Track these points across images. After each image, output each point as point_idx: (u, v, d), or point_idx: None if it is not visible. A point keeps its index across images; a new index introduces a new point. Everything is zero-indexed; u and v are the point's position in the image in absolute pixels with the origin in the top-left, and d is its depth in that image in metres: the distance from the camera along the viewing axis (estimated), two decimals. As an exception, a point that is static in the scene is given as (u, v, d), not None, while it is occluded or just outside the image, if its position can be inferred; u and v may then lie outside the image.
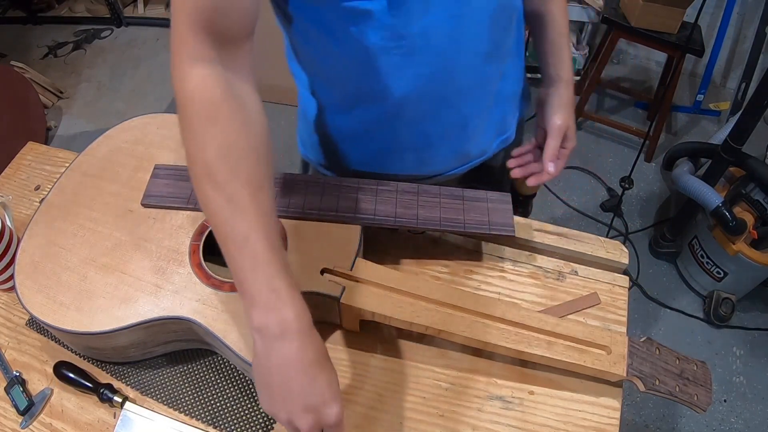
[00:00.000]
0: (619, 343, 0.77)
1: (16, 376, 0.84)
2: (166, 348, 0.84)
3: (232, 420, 0.79)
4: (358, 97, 0.87)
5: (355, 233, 0.82)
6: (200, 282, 0.77)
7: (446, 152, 0.96)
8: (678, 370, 0.77)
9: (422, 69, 0.79)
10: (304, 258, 0.79)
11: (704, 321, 2.06)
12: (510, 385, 0.80)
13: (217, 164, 0.58)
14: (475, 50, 0.80)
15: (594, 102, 2.90)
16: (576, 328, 0.78)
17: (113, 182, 0.89)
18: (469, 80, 0.84)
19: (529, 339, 0.77)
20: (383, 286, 0.78)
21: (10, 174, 1.14)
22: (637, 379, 0.75)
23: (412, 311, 0.77)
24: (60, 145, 2.75)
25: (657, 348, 0.79)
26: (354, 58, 0.78)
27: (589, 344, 0.77)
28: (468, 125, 0.92)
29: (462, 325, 0.77)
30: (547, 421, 0.76)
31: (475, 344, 0.79)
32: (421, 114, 0.86)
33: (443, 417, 0.77)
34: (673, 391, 0.75)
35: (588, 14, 2.49)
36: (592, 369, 0.76)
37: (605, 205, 2.43)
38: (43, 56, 3.35)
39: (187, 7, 0.59)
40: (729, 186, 2.05)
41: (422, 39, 0.74)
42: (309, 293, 0.75)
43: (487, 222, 0.86)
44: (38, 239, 0.84)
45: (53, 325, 0.75)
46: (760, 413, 1.84)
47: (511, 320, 0.78)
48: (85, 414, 0.81)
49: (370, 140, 0.94)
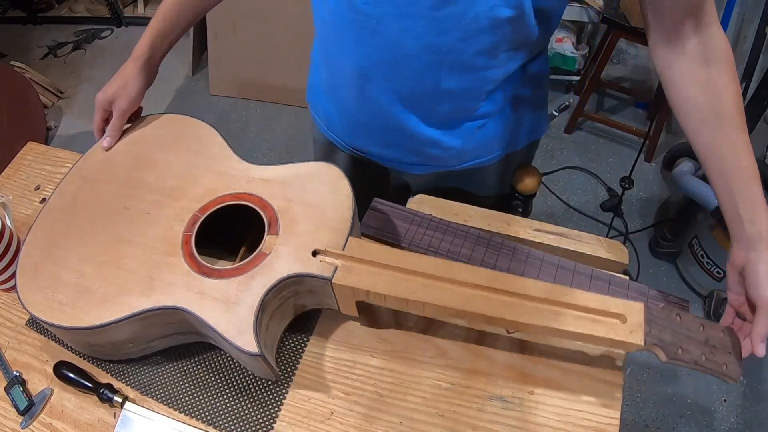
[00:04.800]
0: (635, 311, 0.72)
1: (16, 376, 0.84)
2: (163, 342, 0.83)
3: (232, 420, 0.79)
4: (324, 54, 0.96)
5: (347, 212, 0.80)
6: (192, 271, 0.77)
7: (396, 139, 0.97)
8: (703, 337, 0.71)
9: (372, 50, 0.82)
10: (295, 240, 0.78)
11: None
12: (510, 385, 0.80)
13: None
14: (425, 46, 0.80)
15: (594, 102, 2.90)
16: (586, 296, 0.73)
17: (111, 183, 0.90)
18: (415, 74, 0.84)
19: (534, 310, 0.72)
20: (378, 264, 0.76)
21: (10, 174, 1.14)
22: (657, 348, 0.70)
23: (407, 287, 0.74)
24: (60, 145, 2.75)
25: (678, 315, 0.72)
26: (323, 18, 0.88)
27: (602, 313, 0.72)
28: (408, 119, 0.92)
29: (461, 300, 0.73)
30: (548, 421, 0.76)
31: (476, 319, 0.75)
32: (370, 94, 0.89)
33: (443, 417, 0.77)
34: (698, 360, 0.69)
35: (588, 14, 2.49)
36: (607, 339, 0.71)
37: (605, 205, 2.44)
38: (44, 56, 3.36)
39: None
40: (729, 186, 2.05)
41: (375, 22, 0.78)
42: (301, 276, 0.74)
43: None
44: (39, 242, 0.85)
45: (52, 323, 0.76)
46: (761, 413, 1.84)
47: (513, 291, 0.73)
48: (85, 414, 0.81)
49: (336, 101, 1.00)
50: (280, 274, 0.74)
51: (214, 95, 3.04)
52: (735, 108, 0.73)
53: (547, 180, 2.55)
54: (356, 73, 0.88)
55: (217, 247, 0.89)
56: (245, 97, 3.01)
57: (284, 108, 2.95)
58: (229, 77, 2.99)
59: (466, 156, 1.01)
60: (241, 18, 2.77)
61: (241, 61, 2.92)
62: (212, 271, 0.77)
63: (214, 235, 0.85)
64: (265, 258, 0.76)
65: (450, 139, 0.95)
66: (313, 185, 0.83)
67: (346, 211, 0.80)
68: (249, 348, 0.69)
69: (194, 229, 0.81)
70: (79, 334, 0.77)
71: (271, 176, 0.85)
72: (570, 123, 2.73)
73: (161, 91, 3.05)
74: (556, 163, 2.63)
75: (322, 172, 0.84)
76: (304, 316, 0.87)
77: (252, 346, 0.69)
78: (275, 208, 0.81)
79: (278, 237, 0.78)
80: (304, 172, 0.85)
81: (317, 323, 0.87)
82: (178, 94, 3.06)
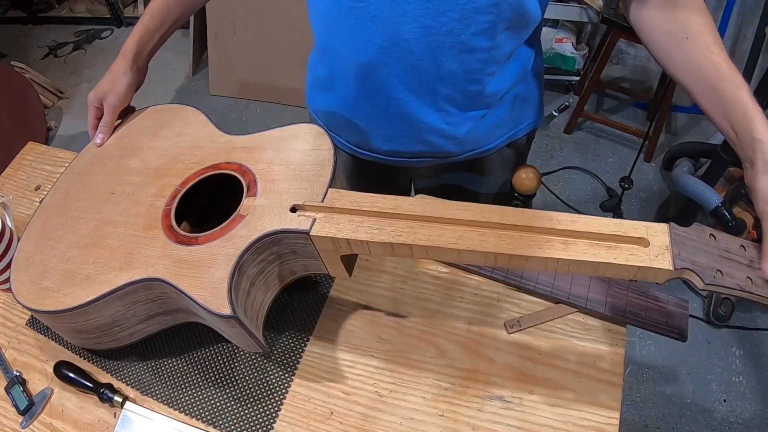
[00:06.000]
0: (659, 232, 0.62)
1: (16, 376, 0.84)
2: (149, 325, 0.82)
3: (232, 419, 0.79)
4: (324, 50, 0.96)
5: (327, 166, 0.77)
6: (170, 242, 0.76)
7: (399, 130, 0.97)
8: (746, 259, 0.60)
9: (372, 37, 0.82)
10: (273, 200, 0.75)
11: (704, 321, 2.06)
12: (510, 385, 0.80)
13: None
14: (424, 29, 0.80)
15: (594, 102, 2.89)
16: (598, 222, 0.64)
17: (99, 174, 0.91)
18: (416, 58, 0.84)
19: (538, 242, 0.64)
20: (359, 211, 0.71)
21: (10, 174, 1.14)
22: (691, 272, 0.59)
23: (391, 231, 0.68)
24: (60, 145, 2.75)
25: (711, 235, 0.62)
26: (321, 12, 0.88)
27: (619, 239, 0.63)
28: (413, 106, 0.92)
29: (452, 238, 0.66)
30: (547, 421, 0.76)
31: (473, 258, 0.67)
32: (373, 83, 0.89)
33: (443, 417, 0.77)
34: (743, 285, 0.58)
35: (588, 15, 2.49)
36: (627, 267, 0.61)
37: (605, 205, 2.43)
38: (44, 56, 3.36)
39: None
40: (728, 186, 2.06)
41: (374, 8, 0.79)
42: (277, 232, 0.71)
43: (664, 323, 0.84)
44: (33, 237, 0.86)
45: (38, 309, 0.76)
46: (760, 413, 1.84)
47: (512, 224, 0.66)
48: (86, 414, 0.81)
49: (337, 96, 1.00)
50: (257, 233, 0.71)
51: (214, 95, 3.04)
52: (707, 28, 0.74)
53: (546, 180, 2.55)
54: (357, 63, 0.87)
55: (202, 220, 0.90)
56: (245, 97, 3.01)
57: (283, 108, 2.95)
58: (229, 77, 2.99)
59: (469, 145, 1.01)
60: (240, 19, 2.77)
61: (240, 62, 2.92)
62: (190, 239, 0.75)
63: (212, 216, 0.85)
64: (242, 220, 0.74)
65: (453, 127, 0.96)
66: (293, 145, 0.82)
67: (326, 164, 0.77)
68: (221, 310, 0.66)
69: (174, 202, 0.81)
70: (63, 318, 0.77)
71: (251, 143, 0.85)
72: (570, 123, 2.73)
73: (162, 91, 3.05)
74: (556, 163, 2.63)
75: (302, 131, 0.83)
76: (303, 315, 0.87)
77: (225, 308, 0.66)
78: (254, 172, 0.80)
79: (256, 198, 0.76)
80: (285, 134, 0.84)
81: (317, 323, 0.87)
82: (178, 94, 3.06)
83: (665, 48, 0.79)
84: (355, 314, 0.88)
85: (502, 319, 0.85)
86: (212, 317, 0.69)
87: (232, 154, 0.84)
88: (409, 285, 0.90)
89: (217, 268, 0.70)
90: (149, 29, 1.00)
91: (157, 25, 1.00)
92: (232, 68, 2.95)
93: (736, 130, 0.69)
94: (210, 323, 0.76)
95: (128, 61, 0.98)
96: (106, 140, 0.97)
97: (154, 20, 0.99)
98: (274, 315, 0.86)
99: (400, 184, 1.19)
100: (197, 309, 0.71)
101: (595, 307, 0.84)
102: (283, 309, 0.88)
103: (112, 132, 0.98)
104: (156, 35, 1.01)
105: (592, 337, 0.83)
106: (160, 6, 0.99)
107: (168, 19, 1.01)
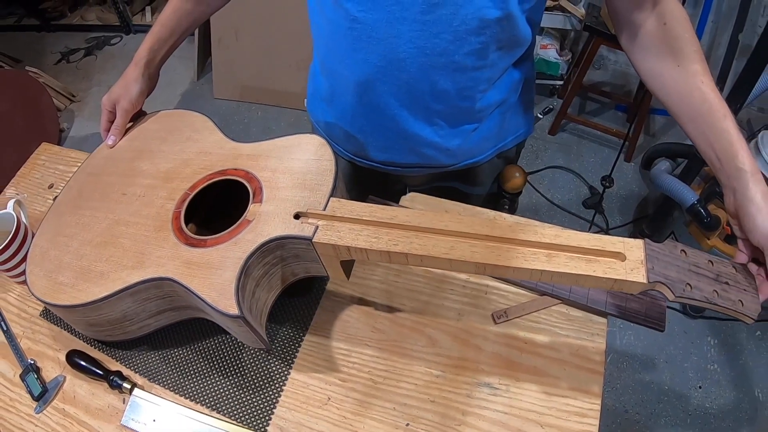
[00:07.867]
0: (635, 248, 0.64)
1: (30, 364, 0.84)
2: (158, 320, 0.82)
3: (235, 405, 0.79)
4: (324, 65, 0.96)
5: (329, 176, 0.78)
6: (179, 243, 0.76)
7: (395, 142, 0.97)
8: (713, 273, 0.63)
9: (369, 56, 0.82)
10: (278, 206, 0.76)
11: (681, 312, 2.06)
12: (497, 372, 0.80)
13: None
14: (419, 49, 0.80)
15: (576, 105, 2.90)
16: (580, 236, 0.66)
17: (112, 175, 0.91)
18: (411, 77, 0.84)
19: (524, 254, 0.66)
20: (359, 220, 0.73)
21: (25, 173, 1.14)
22: (663, 285, 0.62)
23: (388, 240, 0.70)
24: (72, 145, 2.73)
25: (682, 250, 0.64)
26: (321, 30, 0.89)
27: (598, 253, 0.65)
28: (408, 122, 0.92)
29: (444, 248, 0.68)
30: (533, 407, 0.77)
31: (464, 267, 0.69)
32: (369, 99, 0.89)
33: (434, 402, 0.78)
34: (710, 297, 0.62)
35: (571, 22, 2.49)
36: (605, 279, 0.63)
37: (587, 202, 2.44)
38: (57, 62, 3.34)
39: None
40: (704, 184, 2.06)
41: (370, 29, 0.79)
42: (282, 238, 0.72)
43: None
44: (47, 233, 0.85)
45: (54, 303, 0.76)
46: (734, 399, 1.85)
47: (499, 236, 0.67)
48: (96, 400, 0.81)
49: (336, 109, 0.99)
50: (263, 238, 0.72)
51: (218, 99, 3.03)
52: (698, 56, 0.74)
53: (532, 179, 2.55)
54: (355, 80, 0.87)
55: (209, 223, 0.90)
56: (247, 101, 3.00)
57: (284, 111, 2.95)
58: (232, 82, 2.97)
59: (461, 156, 1.01)
60: (243, 26, 2.76)
61: (243, 67, 2.91)
62: (198, 242, 0.75)
63: (220, 219, 0.84)
64: (248, 225, 0.75)
65: (445, 140, 0.95)
66: (296, 154, 0.82)
67: (327, 174, 0.78)
68: (229, 310, 0.67)
69: (183, 206, 0.81)
70: (77, 312, 0.77)
71: (257, 151, 0.85)
72: (554, 125, 2.73)
73: (168, 95, 3.03)
74: (541, 163, 2.63)
75: (305, 141, 0.83)
76: (302, 308, 0.87)
77: (233, 308, 0.67)
78: (260, 179, 0.80)
79: (262, 204, 0.77)
80: (288, 144, 0.84)
81: (315, 314, 0.87)
82: (183, 98, 3.05)
83: (656, 72, 0.78)
84: (351, 306, 0.88)
85: (489, 311, 0.86)
86: (220, 316, 0.69)
87: (239, 161, 0.84)
88: (402, 278, 0.90)
89: (225, 270, 0.70)
90: (160, 38, 1.00)
91: (168, 35, 1.00)
92: (234, 73, 2.94)
93: (720, 157, 0.69)
94: (216, 320, 0.77)
95: (140, 68, 0.98)
96: (117, 142, 0.96)
97: (165, 30, 1.00)
98: (275, 308, 0.86)
99: (394, 189, 1.20)
100: (205, 307, 0.71)
101: (578, 299, 0.84)
102: (283, 302, 0.88)
103: (124, 134, 0.98)
104: (166, 44, 1.01)
105: (575, 328, 0.83)
106: (170, 16, 1.00)
107: (178, 29, 1.01)
